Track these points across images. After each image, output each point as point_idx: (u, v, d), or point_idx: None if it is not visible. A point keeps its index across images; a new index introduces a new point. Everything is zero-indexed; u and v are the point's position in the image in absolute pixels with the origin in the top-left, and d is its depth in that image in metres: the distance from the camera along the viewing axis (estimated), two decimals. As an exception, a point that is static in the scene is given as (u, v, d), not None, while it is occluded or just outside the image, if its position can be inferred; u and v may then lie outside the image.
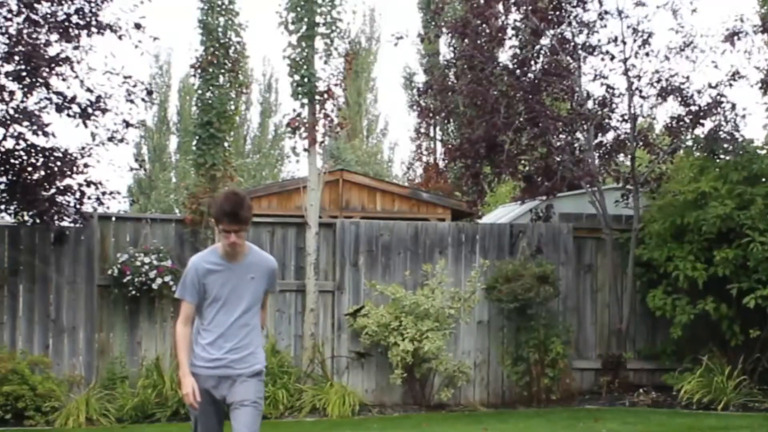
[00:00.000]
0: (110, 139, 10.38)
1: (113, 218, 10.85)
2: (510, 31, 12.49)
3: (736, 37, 11.39)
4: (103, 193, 10.32)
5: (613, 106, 12.14)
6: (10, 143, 9.93)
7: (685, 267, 10.30)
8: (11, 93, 9.72)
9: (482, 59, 12.00)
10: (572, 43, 12.03)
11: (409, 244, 11.17)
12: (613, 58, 11.92)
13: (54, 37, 9.96)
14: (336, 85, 11.10)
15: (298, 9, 10.83)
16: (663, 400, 10.61)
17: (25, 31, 9.71)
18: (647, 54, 11.77)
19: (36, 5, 9.84)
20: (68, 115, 10.09)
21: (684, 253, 10.44)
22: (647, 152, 12.83)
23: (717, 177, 10.55)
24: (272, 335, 10.63)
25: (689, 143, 11.71)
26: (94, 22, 10.07)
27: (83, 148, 10.27)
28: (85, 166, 10.21)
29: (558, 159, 11.97)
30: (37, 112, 9.79)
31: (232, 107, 11.20)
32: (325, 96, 10.89)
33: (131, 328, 10.60)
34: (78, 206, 10.22)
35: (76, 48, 10.09)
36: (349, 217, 12.76)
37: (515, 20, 12.45)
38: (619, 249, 11.57)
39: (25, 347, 10.24)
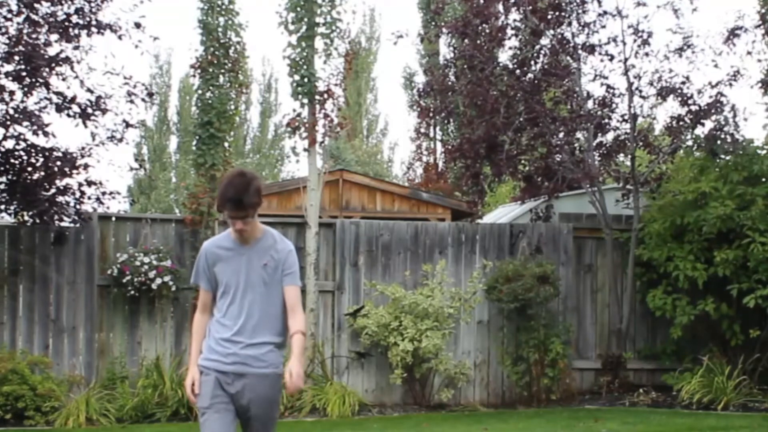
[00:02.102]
0: (110, 139, 10.39)
1: (113, 218, 10.84)
2: (510, 31, 12.47)
3: (736, 36, 11.38)
4: (103, 193, 10.33)
5: (613, 106, 12.14)
6: (10, 143, 9.94)
7: (686, 267, 10.29)
8: (11, 93, 9.72)
9: (482, 59, 11.98)
10: (572, 44, 12.03)
11: (409, 244, 11.17)
12: (612, 58, 11.91)
13: (54, 37, 9.96)
14: (336, 85, 11.12)
15: (298, 9, 10.83)
16: (663, 400, 10.59)
17: (25, 31, 9.71)
18: (647, 54, 11.76)
19: (36, 5, 9.83)
20: (68, 115, 10.10)
21: (684, 253, 10.44)
22: (647, 152, 12.83)
23: (717, 177, 10.54)
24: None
25: (689, 143, 11.72)
26: (94, 22, 10.08)
27: (83, 148, 10.27)
28: (85, 166, 10.22)
29: (558, 159, 11.97)
30: (37, 112, 9.79)
31: (232, 107, 11.20)
32: (325, 96, 10.90)
33: (131, 328, 10.60)
34: (78, 206, 10.22)
35: (76, 48, 10.10)
36: (349, 217, 12.76)
37: (515, 20, 12.44)
38: (619, 249, 11.56)
39: (25, 347, 10.24)
